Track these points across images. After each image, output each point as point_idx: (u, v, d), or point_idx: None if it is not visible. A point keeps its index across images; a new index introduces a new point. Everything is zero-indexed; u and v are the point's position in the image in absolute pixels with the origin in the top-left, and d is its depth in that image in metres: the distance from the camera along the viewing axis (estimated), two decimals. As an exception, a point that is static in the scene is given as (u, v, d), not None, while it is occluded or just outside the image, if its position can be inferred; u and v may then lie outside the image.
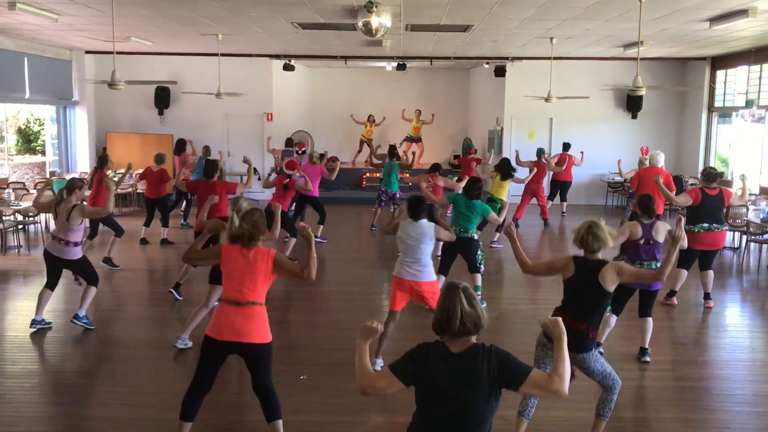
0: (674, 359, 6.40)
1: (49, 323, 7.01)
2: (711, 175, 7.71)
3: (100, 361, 6.36)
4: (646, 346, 6.26)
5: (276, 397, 4.40)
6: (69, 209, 6.68)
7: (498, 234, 11.18)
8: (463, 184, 10.34)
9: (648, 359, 6.21)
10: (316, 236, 11.39)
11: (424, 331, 6.45)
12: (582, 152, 14.55)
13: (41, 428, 4.92)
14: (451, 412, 2.74)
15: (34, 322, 6.89)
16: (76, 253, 6.79)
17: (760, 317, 8.01)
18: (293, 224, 10.18)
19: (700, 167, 15.34)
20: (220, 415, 4.95)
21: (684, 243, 6.27)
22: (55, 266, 6.87)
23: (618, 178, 15.90)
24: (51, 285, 6.95)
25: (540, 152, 13.59)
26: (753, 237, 10.41)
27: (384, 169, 12.94)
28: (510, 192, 11.12)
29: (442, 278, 7.53)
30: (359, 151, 18.72)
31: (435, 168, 10.66)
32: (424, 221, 5.92)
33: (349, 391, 5.49)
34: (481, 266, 7.71)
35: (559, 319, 2.91)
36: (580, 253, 4.46)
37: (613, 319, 6.27)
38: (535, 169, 11.93)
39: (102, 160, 9.91)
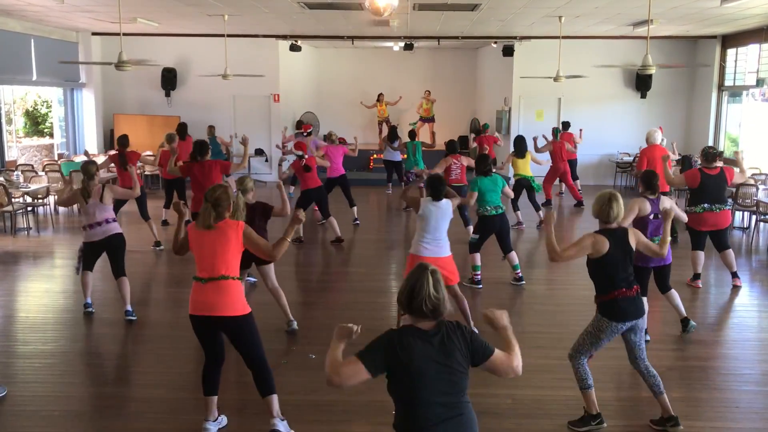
0: (683, 339, 6.39)
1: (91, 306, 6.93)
2: (710, 156, 7.67)
3: (112, 341, 6.41)
4: (685, 315, 6.37)
5: (268, 369, 4.41)
6: (100, 191, 6.61)
7: (541, 212, 11.24)
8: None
9: (694, 324, 6.37)
10: (355, 219, 11.44)
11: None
12: (581, 129, 14.39)
13: (53, 407, 4.97)
14: (440, 388, 2.76)
15: (87, 305, 6.86)
16: (117, 227, 6.75)
17: (769, 297, 8.00)
18: (327, 205, 10.20)
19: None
20: (231, 395, 4.98)
21: (683, 217, 6.54)
22: (96, 252, 6.75)
23: (627, 158, 15.83)
24: (89, 266, 6.84)
25: (557, 131, 13.46)
26: (762, 217, 10.35)
27: (408, 149, 13.07)
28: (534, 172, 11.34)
29: (477, 256, 7.81)
30: (381, 132, 18.65)
31: (454, 148, 10.07)
32: (445, 201, 6.08)
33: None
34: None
35: (504, 312, 3.06)
36: (597, 226, 4.58)
37: (644, 300, 6.25)
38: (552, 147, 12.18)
39: (123, 140, 9.90)
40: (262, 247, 4.38)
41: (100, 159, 14.08)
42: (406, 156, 13.31)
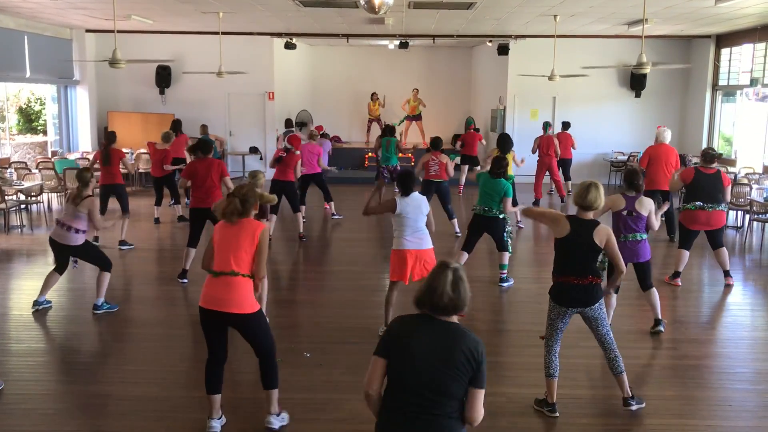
0: (676, 338, 6.41)
1: (50, 302, 7.03)
2: (708, 156, 7.75)
3: (106, 339, 6.40)
4: (659, 317, 6.35)
5: (271, 366, 4.46)
6: (82, 197, 6.68)
7: (518, 210, 11.18)
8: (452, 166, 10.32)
9: (662, 329, 6.31)
10: (333, 214, 11.49)
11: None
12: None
13: (48, 405, 4.96)
14: (426, 381, 2.74)
15: (36, 303, 6.92)
16: (78, 240, 6.76)
17: (762, 296, 8.02)
18: (297, 200, 10.28)
19: (704, 146, 15.29)
20: (228, 393, 4.96)
21: (654, 226, 6.29)
22: (60, 252, 6.88)
23: (621, 158, 15.87)
24: (59, 269, 6.96)
25: (546, 125, 13.43)
26: (756, 216, 10.40)
27: (382, 145, 13.05)
28: (523, 170, 11.23)
29: (465, 255, 7.79)
30: (369, 130, 18.68)
31: (436, 145, 10.15)
32: (416, 194, 6.11)
33: (350, 368, 5.53)
34: (509, 243, 7.84)
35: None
36: (572, 212, 4.75)
37: (614, 298, 6.28)
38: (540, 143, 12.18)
39: (111, 136, 9.88)
40: (262, 259, 4.38)
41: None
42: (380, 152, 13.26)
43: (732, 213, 11.52)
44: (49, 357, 5.95)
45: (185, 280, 7.96)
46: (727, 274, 8.04)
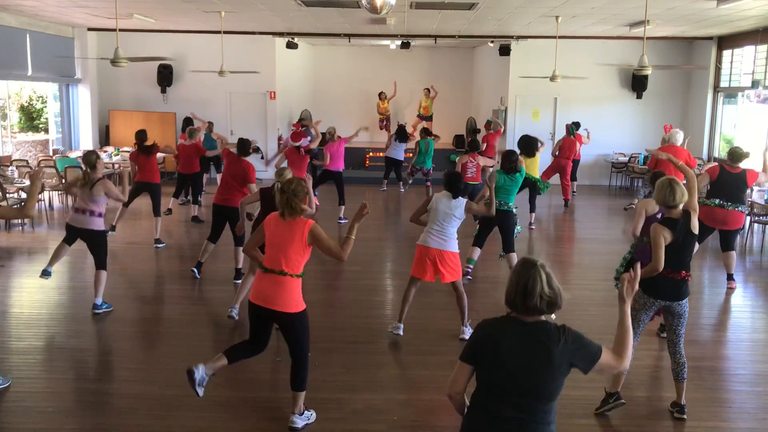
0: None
1: (50, 273, 7.07)
2: (735, 155, 7.72)
3: (107, 337, 6.40)
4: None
5: (305, 366, 4.52)
6: (94, 181, 6.70)
7: (533, 215, 11.21)
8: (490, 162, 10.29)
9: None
10: (340, 218, 11.50)
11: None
12: (587, 130, 14.47)
13: (48, 403, 4.96)
14: (521, 386, 2.65)
15: (45, 272, 6.98)
16: (99, 224, 6.78)
17: (762, 298, 8.02)
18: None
19: (705, 148, 15.30)
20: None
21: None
22: (77, 236, 6.86)
23: (622, 159, 15.86)
24: (69, 241, 6.95)
25: (572, 128, 13.37)
26: (757, 218, 10.39)
27: (420, 146, 12.99)
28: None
29: (477, 250, 7.87)
30: (388, 130, 18.56)
31: (475, 146, 10.22)
32: (461, 199, 6.10)
33: (349, 368, 5.54)
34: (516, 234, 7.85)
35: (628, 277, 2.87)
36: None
37: None
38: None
39: (141, 134, 9.92)
40: (332, 247, 4.40)
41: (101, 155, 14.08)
42: (412, 154, 13.25)
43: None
44: (50, 355, 5.95)
45: (197, 274, 8.02)
46: (730, 277, 8.02)
